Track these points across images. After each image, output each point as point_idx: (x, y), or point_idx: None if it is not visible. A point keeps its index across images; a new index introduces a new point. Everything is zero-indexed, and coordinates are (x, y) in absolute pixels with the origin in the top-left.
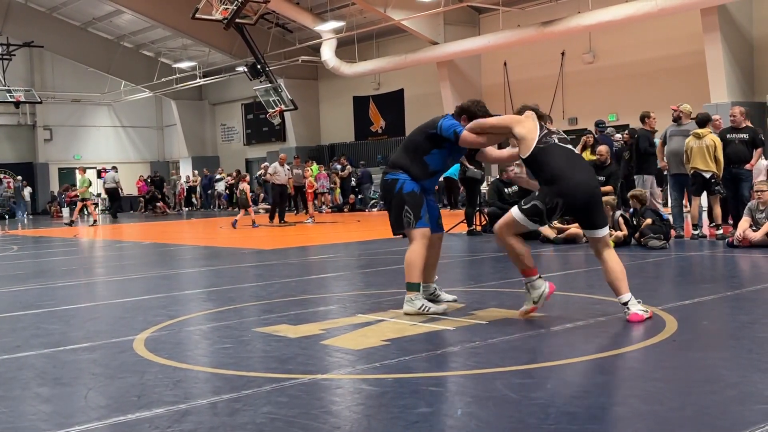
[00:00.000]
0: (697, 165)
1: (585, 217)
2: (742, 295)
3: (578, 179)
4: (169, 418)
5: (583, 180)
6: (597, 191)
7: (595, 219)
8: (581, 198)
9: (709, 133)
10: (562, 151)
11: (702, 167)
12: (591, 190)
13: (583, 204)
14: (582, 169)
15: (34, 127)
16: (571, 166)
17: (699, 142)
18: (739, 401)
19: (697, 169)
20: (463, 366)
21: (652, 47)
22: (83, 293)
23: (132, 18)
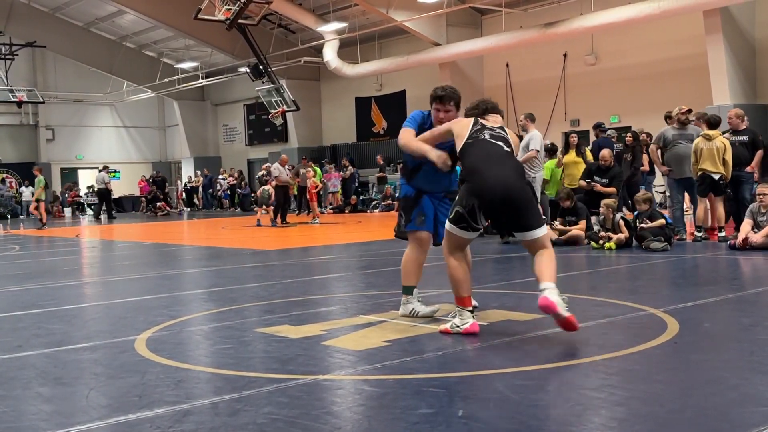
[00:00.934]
0: (706, 167)
1: (510, 219)
2: (744, 297)
3: (491, 176)
4: (171, 418)
5: (496, 177)
6: (515, 190)
7: (522, 220)
8: (496, 196)
9: (719, 135)
10: (484, 147)
11: (711, 169)
12: (506, 187)
13: (501, 203)
14: (500, 165)
15: (37, 127)
16: (486, 162)
17: (709, 144)
18: (740, 403)
19: (706, 171)
20: (464, 367)
21: (654, 49)
22: (85, 293)
23: (134, 18)
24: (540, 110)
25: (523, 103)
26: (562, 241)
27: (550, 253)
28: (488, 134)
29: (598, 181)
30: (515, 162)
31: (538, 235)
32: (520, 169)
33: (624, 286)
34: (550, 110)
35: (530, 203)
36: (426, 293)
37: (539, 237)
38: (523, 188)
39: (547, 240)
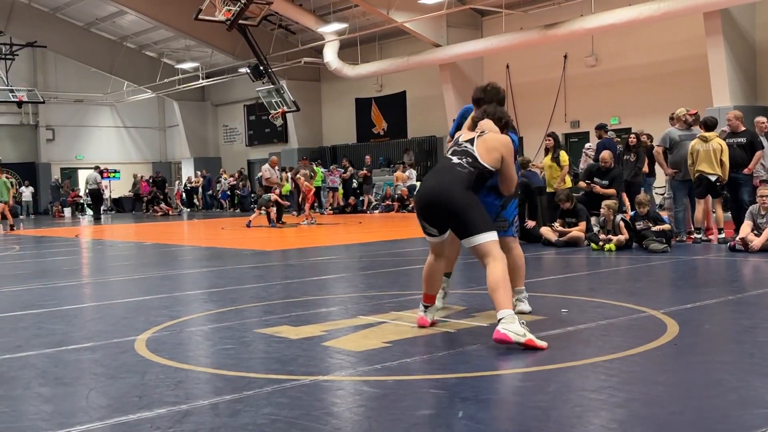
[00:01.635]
0: (703, 168)
1: (450, 225)
2: (744, 299)
3: (423, 185)
4: (171, 419)
5: (425, 184)
6: (440, 196)
7: (458, 227)
8: (421, 202)
9: (715, 136)
10: (440, 161)
11: (708, 170)
12: (430, 194)
13: (427, 209)
14: (437, 174)
15: (37, 127)
16: (431, 173)
17: (706, 146)
18: (740, 405)
19: (702, 172)
20: (464, 368)
21: (654, 51)
22: (85, 293)
23: (135, 19)
24: (540, 111)
25: (523, 105)
26: (562, 242)
27: (495, 267)
28: (453, 150)
29: (598, 182)
30: (456, 172)
31: (471, 244)
32: (461, 176)
33: (624, 288)
34: (551, 111)
35: (461, 210)
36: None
37: (477, 245)
38: (451, 195)
39: (492, 248)
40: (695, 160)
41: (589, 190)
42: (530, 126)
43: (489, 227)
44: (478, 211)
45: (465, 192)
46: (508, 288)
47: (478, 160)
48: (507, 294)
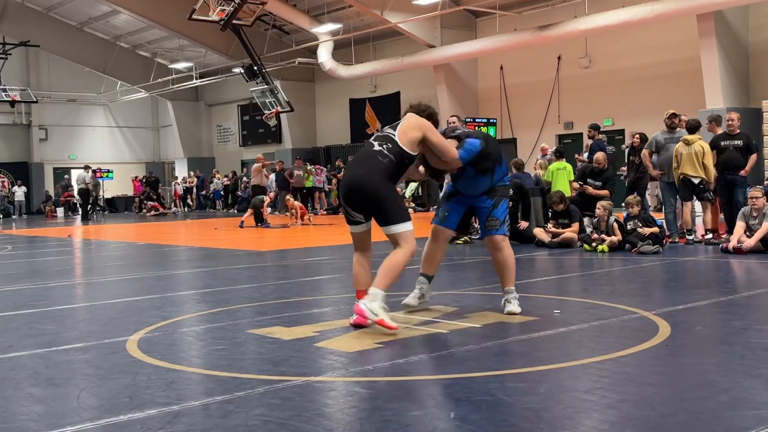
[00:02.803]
0: (686, 171)
1: (372, 213)
2: (736, 300)
3: (346, 173)
4: (162, 420)
5: (348, 172)
6: (361, 185)
7: (377, 215)
8: (344, 190)
9: (698, 139)
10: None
11: (691, 173)
12: (351, 182)
13: (350, 197)
14: (357, 160)
15: (30, 126)
16: (352, 161)
17: (688, 149)
18: (731, 407)
19: (686, 175)
20: (456, 369)
21: (648, 53)
22: (76, 293)
23: (128, 18)
24: (534, 113)
25: (516, 106)
26: (556, 243)
27: (397, 253)
28: (375, 135)
29: (591, 183)
30: (377, 160)
31: (391, 232)
32: (380, 166)
33: (616, 289)
34: (544, 113)
35: (384, 199)
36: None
37: (393, 233)
38: (374, 183)
39: (404, 240)
40: (679, 163)
41: (582, 191)
42: (523, 127)
43: (405, 217)
44: (395, 201)
45: (385, 182)
46: (392, 273)
47: (397, 143)
48: (387, 277)
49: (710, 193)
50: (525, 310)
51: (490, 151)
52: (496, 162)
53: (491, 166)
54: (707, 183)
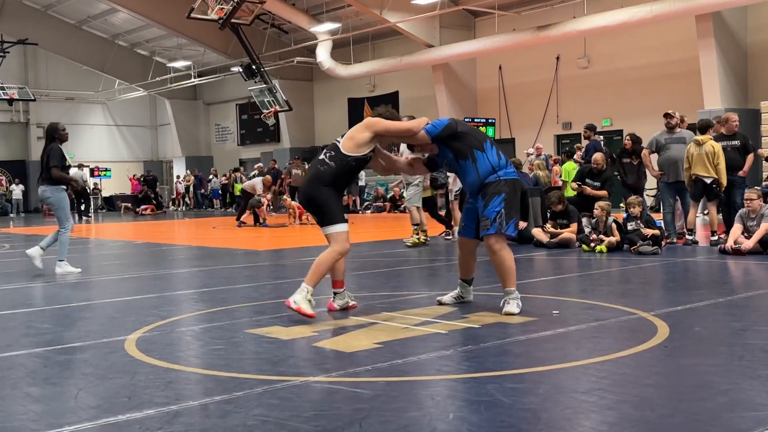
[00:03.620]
0: (698, 171)
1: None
2: (734, 301)
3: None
4: (160, 420)
5: (303, 181)
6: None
7: (316, 218)
8: (300, 197)
9: (709, 139)
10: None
11: (703, 173)
12: (302, 190)
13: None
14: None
15: (28, 124)
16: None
17: (699, 149)
18: (730, 408)
19: (698, 175)
20: (455, 370)
21: (646, 53)
22: (75, 292)
23: (127, 17)
24: (532, 113)
25: (515, 106)
26: (554, 243)
27: (326, 252)
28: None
29: (590, 184)
30: (317, 168)
31: (325, 232)
32: (320, 174)
33: (615, 290)
34: (543, 113)
35: (322, 204)
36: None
37: (326, 234)
38: (313, 190)
39: (333, 240)
40: (691, 164)
41: (580, 191)
42: (522, 127)
43: (337, 220)
44: (332, 205)
45: (323, 188)
46: (317, 270)
47: (339, 150)
48: (314, 273)
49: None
50: (524, 310)
51: (462, 132)
52: (473, 146)
53: (468, 150)
54: (719, 183)
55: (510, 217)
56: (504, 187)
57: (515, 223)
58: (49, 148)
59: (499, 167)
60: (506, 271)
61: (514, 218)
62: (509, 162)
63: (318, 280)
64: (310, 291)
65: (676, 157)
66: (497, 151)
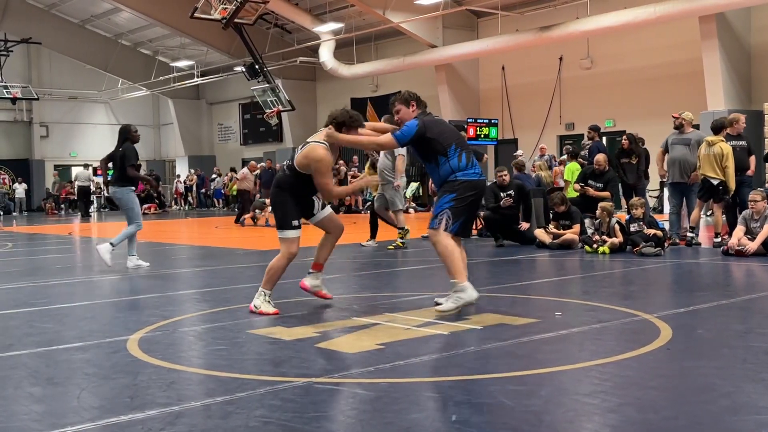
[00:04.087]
0: (706, 172)
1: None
2: (737, 303)
3: None
4: (162, 420)
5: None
6: (270, 197)
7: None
8: None
9: (719, 141)
10: None
11: (711, 174)
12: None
13: None
14: None
15: (31, 123)
16: None
17: (708, 150)
18: (733, 411)
19: (706, 176)
20: (457, 371)
21: (649, 54)
22: (77, 291)
23: (130, 16)
24: (535, 113)
25: (518, 106)
26: (556, 244)
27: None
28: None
29: (592, 185)
30: (279, 174)
31: (280, 236)
32: (279, 180)
33: (617, 291)
34: (545, 114)
35: (276, 209)
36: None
37: (279, 237)
38: (273, 195)
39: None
40: (701, 164)
41: (582, 192)
42: (525, 128)
43: (287, 226)
44: (286, 210)
45: (281, 193)
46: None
47: (293, 161)
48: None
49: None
50: (525, 311)
51: (429, 138)
52: (437, 152)
53: (432, 155)
54: (727, 185)
55: (458, 217)
56: (458, 186)
57: (462, 222)
58: (124, 147)
59: (458, 169)
60: (447, 263)
61: (462, 218)
62: (474, 164)
63: (273, 284)
64: (268, 293)
65: (678, 157)
66: (464, 154)
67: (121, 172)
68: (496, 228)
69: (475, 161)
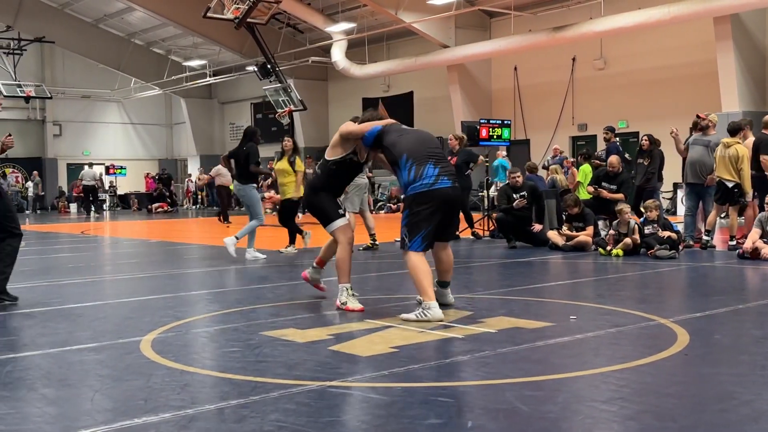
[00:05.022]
0: (721, 174)
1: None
2: (754, 308)
3: None
4: (176, 424)
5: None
6: (305, 201)
7: (319, 220)
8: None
9: (736, 143)
10: None
11: (726, 177)
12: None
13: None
14: None
15: (44, 122)
16: None
17: (724, 152)
18: (753, 419)
19: (721, 178)
20: (472, 376)
21: (663, 55)
22: (90, 291)
23: (143, 15)
24: (548, 114)
25: (530, 107)
26: (570, 246)
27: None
28: None
29: (606, 187)
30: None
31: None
32: (312, 182)
33: (632, 295)
34: (558, 114)
35: (317, 208)
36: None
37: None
38: (309, 197)
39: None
40: (716, 166)
41: (596, 194)
42: (537, 129)
43: (335, 216)
44: (325, 206)
45: (317, 193)
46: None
47: (324, 158)
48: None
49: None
50: (540, 315)
51: (386, 145)
52: (392, 162)
53: (392, 166)
54: (743, 188)
55: (415, 233)
56: (408, 202)
57: (422, 236)
58: (249, 146)
59: (408, 183)
60: (415, 283)
61: (421, 233)
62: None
63: (347, 276)
64: (348, 288)
65: (695, 158)
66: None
67: (245, 170)
68: (509, 229)
69: (426, 171)
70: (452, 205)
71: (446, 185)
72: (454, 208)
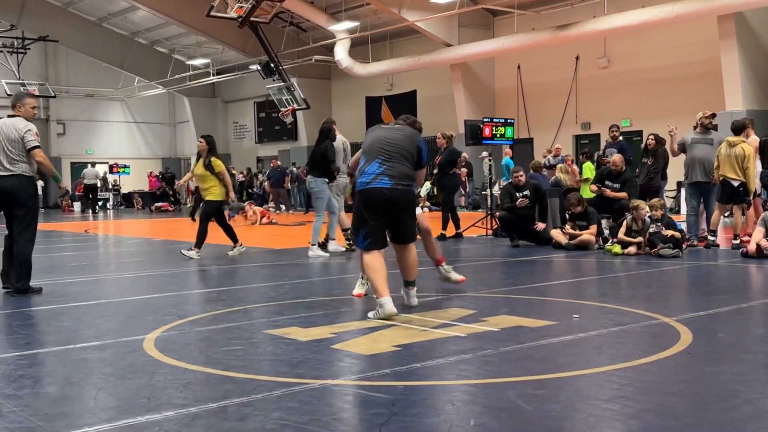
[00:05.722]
0: (726, 173)
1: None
2: (757, 307)
3: None
4: (179, 422)
5: None
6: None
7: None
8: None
9: (741, 141)
10: None
11: (731, 175)
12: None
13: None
14: None
15: (48, 121)
16: None
17: (729, 150)
18: (756, 418)
19: (726, 177)
20: (475, 375)
21: (667, 53)
22: (93, 290)
23: (147, 14)
24: (551, 113)
25: (534, 106)
26: (573, 245)
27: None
28: None
29: (609, 186)
30: None
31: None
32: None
33: (635, 294)
34: (561, 113)
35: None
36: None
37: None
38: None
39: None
40: (720, 164)
41: (599, 193)
42: (541, 127)
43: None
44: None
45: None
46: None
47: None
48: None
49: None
50: (542, 313)
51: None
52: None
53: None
54: (748, 187)
55: (357, 232)
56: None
57: (363, 234)
58: (326, 144)
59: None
60: (370, 280)
61: (362, 231)
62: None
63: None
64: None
65: (702, 157)
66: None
67: (320, 165)
68: (512, 228)
69: (369, 169)
70: (390, 206)
71: (383, 185)
72: (395, 210)
